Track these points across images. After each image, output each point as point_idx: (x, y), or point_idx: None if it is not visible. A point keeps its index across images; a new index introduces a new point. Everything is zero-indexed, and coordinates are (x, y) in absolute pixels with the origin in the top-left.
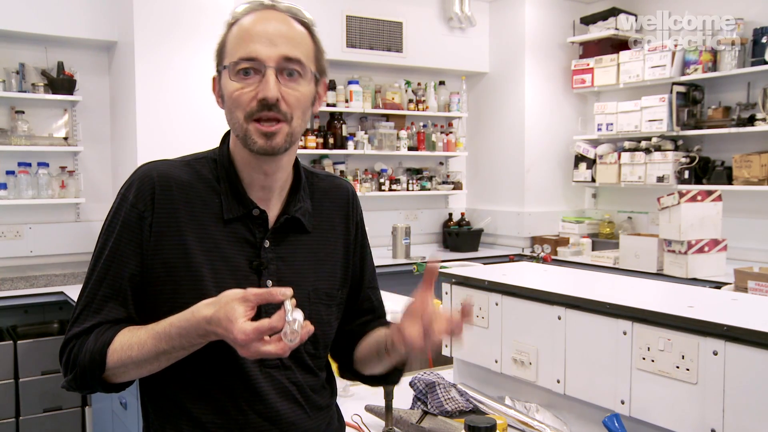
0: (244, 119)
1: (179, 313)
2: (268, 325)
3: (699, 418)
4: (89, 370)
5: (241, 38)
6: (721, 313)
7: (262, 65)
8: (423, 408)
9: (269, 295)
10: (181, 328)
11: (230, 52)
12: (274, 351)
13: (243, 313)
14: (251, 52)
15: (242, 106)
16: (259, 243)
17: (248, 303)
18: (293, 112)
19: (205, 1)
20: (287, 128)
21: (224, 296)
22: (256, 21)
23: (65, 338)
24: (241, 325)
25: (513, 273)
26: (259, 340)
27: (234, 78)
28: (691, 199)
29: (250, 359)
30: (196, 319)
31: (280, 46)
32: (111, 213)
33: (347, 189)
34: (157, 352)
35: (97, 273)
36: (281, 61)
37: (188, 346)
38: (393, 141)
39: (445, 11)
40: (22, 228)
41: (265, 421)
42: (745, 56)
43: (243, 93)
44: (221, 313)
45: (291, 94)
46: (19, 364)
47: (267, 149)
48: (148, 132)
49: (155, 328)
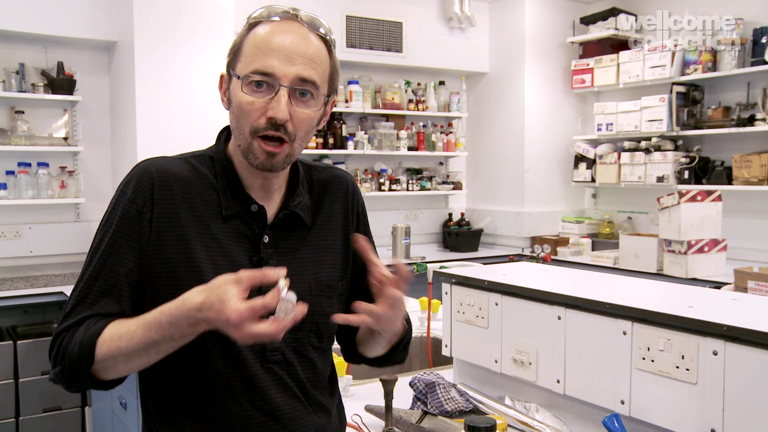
0: (250, 134)
1: (168, 302)
2: (261, 303)
3: (699, 418)
4: (77, 361)
5: (258, 49)
6: (720, 313)
7: (277, 82)
8: (423, 408)
9: (262, 275)
10: (171, 317)
11: (246, 59)
12: (267, 332)
13: (236, 294)
14: (267, 66)
15: (250, 120)
16: (258, 238)
17: (241, 284)
18: (298, 132)
19: (205, 1)
20: (289, 149)
21: (216, 281)
22: (276, 32)
23: (56, 331)
24: (234, 304)
25: (513, 273)
26: (252, 320)
27: (246, 89)
28: (691, 199)
29: (250, 352)
30: (187, 306)
31: (297, 65)
32: (109, 208)
33: (346, 180)
34: (146, 343)
35: (93, 267)
36: (296, 81)
37: (178, 337)
38: (393, 141)
39: (445, 11)
40: (22, 228)
41: (266, 416)
42: (745, 56)
43: (252, 108)
44: (213, 296)
45: (299, 115)
46: (18, 364)
47: (267, 166)
48: (148, 132)
49: (145, 318)
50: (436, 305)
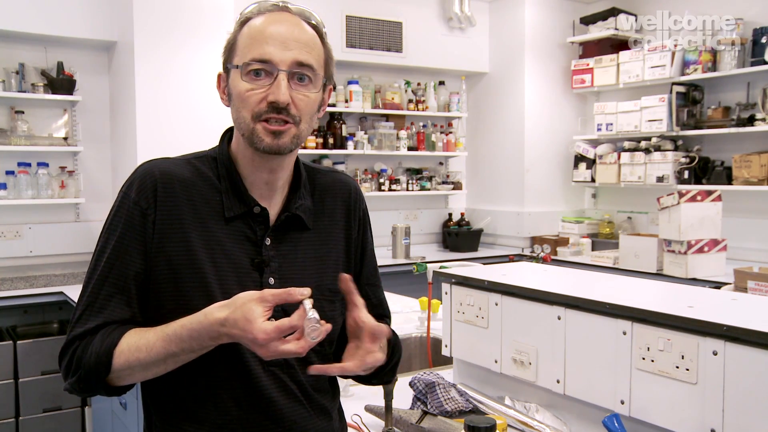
0: (252, 119)
1: (189, 315)
2: (289, 323)
3: (699, 418)
4: (94, 372)
5: (254, 38)
6: (720, 313)
7: (275, 68)
8: (423, 408)
9: (288, 294)
10: (192, 330)
11: (242, 51)
12: (294, 350)
13: (261, 314)
14: (264, 53)
15: (250, 106)
16: (260, 240)
17: (266, 303)
18: (302, 116)
19: (205, 1)
20: (295, 130)
21: (240, 298)
22: (270, 22)
23: (67, 339)
24: (261, 325)
25: (513, 273)
26: (279, 340)
27: (245, 78)
28: (691, 199)
29: (252, 355)
30: (209, 321)
31: (293, 50)
32: (113, 211)
33: (349, 184)
34: (166, 355)
35: (100, 272)
36: (294, 66)
37: (198, 349)
38: (393, 141)
39: (445, 11)
40: (22, 228)
41: (267, 419)
42: (745, 56)
43: (253, 93)
44: (238, 314)
45: (301, 99)
46: (18, 365)
47: (273, 147)
48: (148, 132)
49: (165, 330)
50: (436, 305)
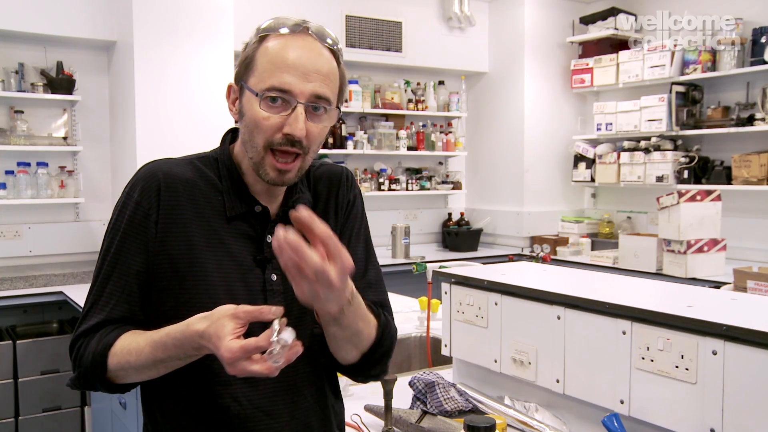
0: (264, 147)
1: (180, 321)
2: (254, 344)
3: (698, 418)
4: (91, 371)
5: (274, 64)
6: (720, 312)
7: (294, 99)
8: (422, 408)
9: (259, 312)
10: (176, 339)
11: (261, 75)
12: (260, 370)
13: (231, 330)
14: (284, 83)
15: (265, 134)
16: (262, 238)
17: (238, 320)
18: (312, 145)
19: (204, 1)
20: (301, 162)
21: (217, 311)
22: (290, 47)
23: (73, 336)
24: (228, 343)
25: (512, 273)
26: (246, 359)
27: (262, 105)
28: (691, 198)
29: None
30: (190, 332)
31: (313, 83)
32: (116, 212)
33: (341, 171)
34: (154, 360)
35: (104, 271)
36: (311, 98)
37: (184, 357)
38: (392, 141)
39: (445, 11)
40: (22, 228)
41: (266, 416)
42: (745, 56)
43: (269, 122)
44: (212, 329)
45: (314, 130)
46: (18, 364)
47: (278, 182)
48: (148, 132)
49: (153, 337)
50: (435, 305)
